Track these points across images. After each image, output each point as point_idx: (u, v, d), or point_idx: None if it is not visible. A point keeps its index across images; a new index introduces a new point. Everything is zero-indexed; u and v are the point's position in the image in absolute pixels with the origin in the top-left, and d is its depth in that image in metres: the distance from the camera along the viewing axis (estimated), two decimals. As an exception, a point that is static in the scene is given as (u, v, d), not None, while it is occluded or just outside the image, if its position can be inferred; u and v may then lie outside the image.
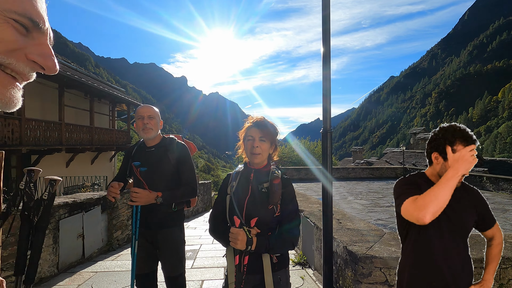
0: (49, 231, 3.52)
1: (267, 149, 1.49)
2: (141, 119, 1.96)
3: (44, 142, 10.63)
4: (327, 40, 2.62)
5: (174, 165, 2.01)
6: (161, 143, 2.05)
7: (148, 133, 1.97)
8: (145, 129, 1.95)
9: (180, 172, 2.03)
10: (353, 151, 32.69)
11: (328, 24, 2.63)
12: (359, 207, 8.99)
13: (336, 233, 2.97)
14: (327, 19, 2.62)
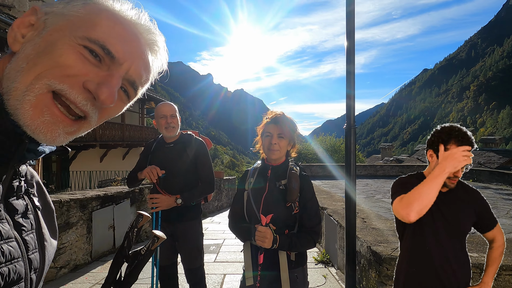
0: (83, 221, 3.77)
1: (285, 145, 1.46)
2: (165, 118, 2.01)
3: (80, 139, 11.35)
4: (352, 33, 2.52)
5: (192, 160, 2.06)
6: (179, 139, 2.10)
7: (172, 131, 2.03)
8: (168, 128, 2.01)
9: (198, 167, 2.08)
10: (382, 148, 31.46)
11: (353, 17, 2.53)
12: (387, 206, 8.64)
13: (360, 232, 2.88)
14: (352, 13, 2.52)
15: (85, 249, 3.80)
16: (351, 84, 2.56)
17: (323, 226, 4.19)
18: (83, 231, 3.78)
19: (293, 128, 1.50)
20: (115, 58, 0.42)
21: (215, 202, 10.58)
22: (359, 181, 14.50)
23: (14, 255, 0.39)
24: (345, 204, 2.61)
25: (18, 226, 0.42)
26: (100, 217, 4.10)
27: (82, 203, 3.76)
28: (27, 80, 0.38)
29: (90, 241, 3.89)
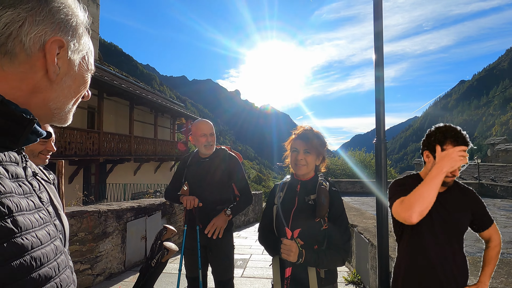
0: (118, 231, 3.97)
1: (313, 161, 1.48)
2: (205, 137, 2.12)
3: (117, 153, 12.07)
4: (380, 47, 2.52)
5: (226, 174, 2.15)
6: (214, 154, 2.20)
7: (210, 149, 2.16)
8: (207, 146, 2.13)
9: (234, 181, 2.18)
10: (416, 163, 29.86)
11: (381, 28, 2.53)
12: (424, 226, 8.12)
13: (394, 252, 2.73)
14: (380, 25, 2.53)
15: (119, 258, 3.98)
16: (381, 96, 2.53)
17: (354, 244, 4.03)
18: (118, 240, 3.97)
19: (321, 143, 1.51)
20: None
21: (242, 217, 10.58)
22: (391, 199, 13.77)
23: (46, 220, 0.50)
24: (377, 221, 2.52)
25: (40, 199, 0.53)
26: (134, 227, 4.29)
27: (118, 213, 3.98)
28: (70, 102, 0.57)
29: (124, 250, 4.07)
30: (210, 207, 2.08)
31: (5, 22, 0.46)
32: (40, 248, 0.46)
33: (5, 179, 0.45)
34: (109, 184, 11.98)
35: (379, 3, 2.49)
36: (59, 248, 0.52)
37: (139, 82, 19.14)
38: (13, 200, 0.44)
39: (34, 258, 0.44)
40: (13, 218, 0.43)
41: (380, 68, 2.51)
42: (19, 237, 0.43)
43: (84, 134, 10.39)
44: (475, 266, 2.31)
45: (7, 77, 0.48)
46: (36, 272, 0.44)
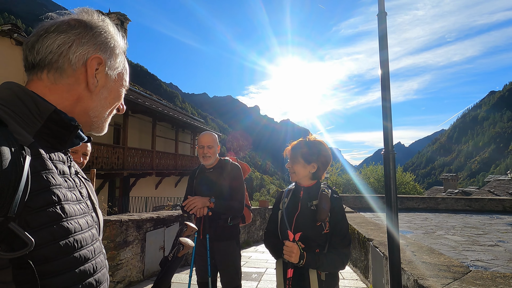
0: (138, 241, 4.15)
1: (301, 169, 1.56)
2: (202, 148, 2.28)
3: (140, 167, 12.58)
4: (385, 63, 2.60)
5: (229, 183, 2.26)
6: (218, 165, 2.34)
7: (207, 160, 2.29)
8: (204, 157, 2.28)
9: (231, 189, 2.27)
10: (444, 178, 28.48)
11: (386, 44, 2.61)
12: (451, 244, 7.68)
13: (408, 265, 2.69)
14: (384, 41, 2.61)
15: (139, 267, 4.14)
16: (387, 112, 2.58)
17: (370, 259, 3.95)
18: (138, 250, 4.14)
19: (312, 152, 1.57)
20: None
21: (260, 231, 10.54)
22: (417, 215, 13.16)
23: (85, 211, 0.59)
24: (387, 234, 2.50)
25: (80, 194, 0.62)
26: (153, 237, 4.46)
27: (138, 223, 4.18)
28: (106, 112, 0.67)
29: (143, 260, 4.23)
30: (215, 217, 2.19)
31: (58, 44, 0.59)
32: (81, 233, 0.54)
33: (55, 174, 0.53)
34: (132, 197, 12.43)
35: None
36: (95, 235, 0.60)
37: (162, 99, 20.03)
38: (61, 191, 0.53)
39: (76, 240, 0.52)
40: (61, 206, 0.51)
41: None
42: (65, 221, 0.51)
43: (110, 149, 10.97)
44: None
45: (58, 88, 0.59)
46: (77, 252, 0.52)
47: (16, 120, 0.52)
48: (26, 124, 0.53)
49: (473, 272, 2.46)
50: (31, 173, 0.48)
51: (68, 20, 0.62)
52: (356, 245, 4.82)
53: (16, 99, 0.54)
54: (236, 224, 2.29)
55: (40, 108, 0.55)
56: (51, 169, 0.53)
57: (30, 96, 0.55)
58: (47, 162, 0.53)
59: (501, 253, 6.74)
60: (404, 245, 3.41)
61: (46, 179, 0.50)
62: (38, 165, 0.50)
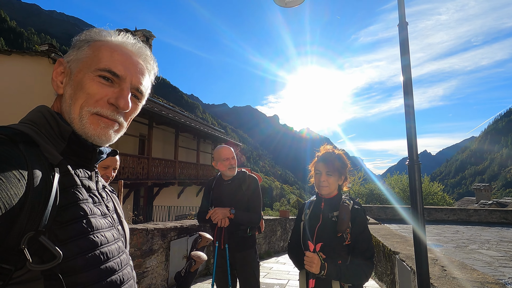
0: (163, 249, 4.26)
1: (335, 181, 1.59)
2: (228, 160, 2.34)
3: (163, 177, 12.94)
4: (407, 68, 2.58)
5: (246, 194, 2.32)
6: (235, 177, 2.39)
7: (234, 171, 2.35)
8: (231, 168, 2.34)
9: (249, 200, 2.32)
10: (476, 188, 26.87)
11: (407, 49, 2.59)
12: (486, 259, 7.21)
13: (437, 281, 2.58)
14: (406, 45, 2.60)
15: (163, 275, 4.24)
16: (411, 117, 2.54)
17: (396, 273, 3.81)
18: (162, 258, 4.25)
19: (342, 165, 1.62)
20: (120, 76, 0.61)
21: (281, 242, 10.43)
22: (447, 227, 12.48)
23: (111, 224, 0.61)
24: (415, 248, 2.42)
25: (107, 208, 0.63)
26: (177, 246, 4.56)
27: (163, 232, 4.30)
28: (76, 111, 0.59)
29: (167, 268, 4.34)
30: (234, 228, 2.24)
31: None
32: (107, 246, 0.55)
33: (82, 189, 0.56)
34: (155, 206, 12.76)
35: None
36: (121, 248, 0.61)
37: (184, 111, 20.65)
38: (88, 205, 0.55)
39: (102, 253, 0.54)
40: (87, 219, 0.53)
41: (409, 98, 2.55)
42: (92, 235, 0.52)
43: (135, 160, 11.41)
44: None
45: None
46: (104, 265, 0.53)
47: (46, 141, 0.55)
48: (54, 144, 0.56)
49: (510, 289, 2.32)
50: (60, 189, 0.50)
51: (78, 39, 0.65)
52: (382, 258, 4.66)
53: (45, 121, 0.57)
54: (254, 234, 2.35)
55: (61, 130, 0.57)
56: (78, 185, 0.55)
57: (54, 118, 0.57)
58: (75, 178, 0.55)
59: None
60: (433, 259, 3.27)
61: (73, 195, 0.53)
62: (66, 181, 0.53)
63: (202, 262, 1.15)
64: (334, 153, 1.64)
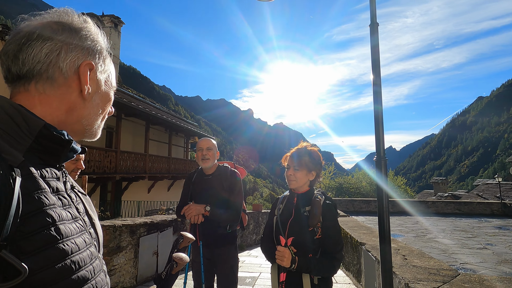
0: (131, 246, 4.12)
1: (302, 176, 1.61)
2: (201, 151, 2.29)
3: (132, 171, 12.46)
4: (377, 68, 2.68)
5: (227, 190, 2.27)
6: (217, 171, 2.34)
7: (206, 163, 2.28)
8: (204, 159, 2.27)
9: (229, 196, 2.27)
10: (434, 182, 28.94)
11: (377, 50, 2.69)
12: (441, 247, 7.83)
13: (399, 269, 2.74)
14: (376, 49, 2.69)
15: (132, 272, 4.11)
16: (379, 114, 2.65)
17: (362, 263, 4.01)
18: (131, 255, 4.11)
19: (313, 161, 1.63)
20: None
21: (253, 235, 10.54)
22: (408, 219, 13.35)
23: (82, 229, 0.56)
24: (379, 238, 2.56)
25: (77, 210, 0.58)
26: (146, 243, 4.43)
27: (132, 228, 4.15)
28: (99, 121, 0.66)
29: (136, 265, 4.20)
30: (211, 225, 2.19)
31: (45, 53, 0.55)
32: (78, 253, 0.51)
33: (49, 193, 0.50)
34: (124, 201, 12.29)
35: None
36: (94, 253, 0.56)
37: (155, 103, 19.93)
38: (56, 211, 0.49)
39: (74, 262, 0.49)
40: (56, 227, 0.48)
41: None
42: (61, 243, 0.48)
43: (102, 153, 10.85)
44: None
45: (48, 99, 0.56)
46: (75, 275, 0.49)
47: (5, 139, 0.48)
48: (16, 142, 0.49)
49: (461, 275, 2.54)
50: (22, 195, 0.45)
51: (50, 25, 0.57)
52: (349, 249, 4.88)
53: (4, 115, 0.50)
54: (234, 230, 2.31)
55: (29, 123, 0.51)
56: (44, 189, 0.49)
57: (19, 111, 0.51)
58: (39, 181, 0.49)
59: (489, 256, 6.89)
60: (395, 249, 3.48)
61: (38, 200, 0.47)
62: (29, 185, 0.47)
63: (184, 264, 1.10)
64: (304, 149, 1.66)
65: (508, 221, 12.57)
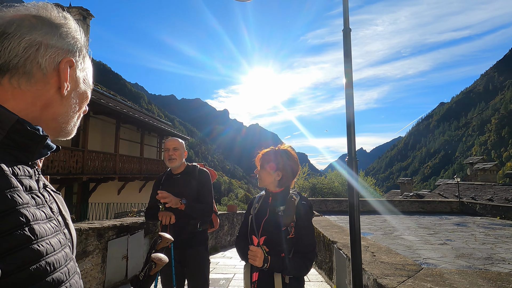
0: (99, 250, 3.92)
1: (266, 176, 1.63)
2: (167, 151, 2.26)
3: (101, 171, 11.88)
4: (349, 71, 2.77)
5: (196, 189, 2.25)
6: (185, 171, 2.32)
7: (173, 163, 2.26)
8: (170, 159, 2.25)
9: (199, 194, 2.26)
10: (401, 182, 30.51)
11: (350, 57, 2.79)
12: (407, 244, 8.27)
13: (368, 265, 2.86)
14: (349, 55, 2.79)
15: (99, 278, 3.90)
16: (351, 118, 2.75)
17: (334, 261, 4.12)
18: (98, 260, 3.91)
19: (276, 162, 1.64)
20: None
21: (228, 236, 10.47)
22: (376, 217, 13.97)
23: (57, 229, 0.54)
24: (350, 236, 2.65)
25: (51, 210, 0.56)
26: (115, 246, 4.24)
27: (100, 232, 3.95)
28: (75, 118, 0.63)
29: (104, 270, 4.00)
30: (183, 223, 2.16)
31: (24, 47, 0.53)
32: (53, 255, 0.49)
33: (21, 192, 0.48)
34: (91, 204, 11.67)
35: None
36: (68, 255, 0.55)
37: (127, 101, 19.17)
38: (29, 210, 0.47)
39: (48, 263, 0.47)
40: (30, 227, 0.46)
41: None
42: (36, 244, 0.46)
43: (67, 153, 10.23)
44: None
45: (24, 94, 0.54)
46: (50, 276, 0.47)
47: None
48: None
49: (424, 269, 2.69)
50: None
51: (28, 18, 0.56)
52: (322, 248, 5.01)
53: None
54: (205, 230, 2.28)
55: (1, 118, 0.50)
56: (16, 187, 0.47)
57: None
58: (11, 179, 0.47)
59: (448, 250, 7.40)
60: (365, 246, 3.62)
61: (11, 199, 0.46)
62: (1, 183, 0.45)
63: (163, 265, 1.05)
64: (272, 150, 1.68)
65: (465, 218, 13.59)
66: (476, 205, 15.13)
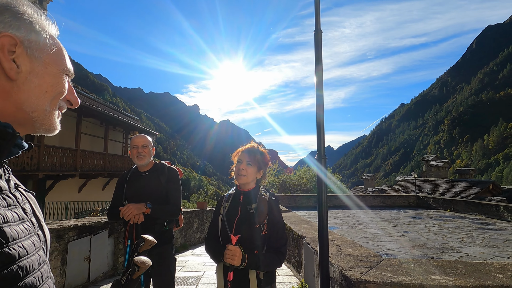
0: (58, 252, 3.67)
1: (253, 172, 1.64)
2: (136, 148, 2.18)
3: (59, 168, 11.08)
4: (320, 71, 2.86)
5: (165, 187, 2.21)
6: (153, 168, 2.26)
7: (142, 160, 2.19)
8: (139, 156, 2.18)
9: (168, 192, 2.22)
10: (365, 178, 32.14)
11: (320, 58, 2.88)
12: (369, 236, 8.77)
13: (334, 258, 2.99)
14: (319, 56, 2.87)
15: (58, 282, 3.66)
16: (321, 119, 2.84)
17: (302, 255, 4.26)
18: (57, 263, 3.66)
19: (263, 160, 1.69)
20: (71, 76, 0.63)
21: (197, 234, 10.33)
22: (342, 212, 14.63)
23: (30, 231, 0.51)
24: (318, 230, 2.76)
25: (24, 211, 0.53)
26: (76, 248, 3.99)
27: (59, 233, 3.70)
28: (45, 103, 0.56)
29: (64, 273, 3.76)
30: (150, 222, 2.11)
31: None
32: (26, 258, 0.46)
33: None
34: (48, 203, 10.86)
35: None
36: (42, 258, 0.52)
37: (89, 93, 18.03)
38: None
39: (21, 268, 0.45)
40: (0, 230, 0.43)
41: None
42: (7, 247, 0.43)
43: (21, 147, 9.40)
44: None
45: None
46: (22, 281, 0.45)
47: None
48: None
49: (385, 260, 2.88)
50: None
51: None
52: (291, 243, 5.14)
53: None
54: (171, 229, 2.25)
55: None
56: None
57: None
58: None
59: (406, 242, 7.97)
60: (331, 240, 3.78)
61: None
62: None
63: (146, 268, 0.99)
64: (258, 148, 1.72)
65: (421, 212, 14.71)
66: (430, 199, 16.44)
